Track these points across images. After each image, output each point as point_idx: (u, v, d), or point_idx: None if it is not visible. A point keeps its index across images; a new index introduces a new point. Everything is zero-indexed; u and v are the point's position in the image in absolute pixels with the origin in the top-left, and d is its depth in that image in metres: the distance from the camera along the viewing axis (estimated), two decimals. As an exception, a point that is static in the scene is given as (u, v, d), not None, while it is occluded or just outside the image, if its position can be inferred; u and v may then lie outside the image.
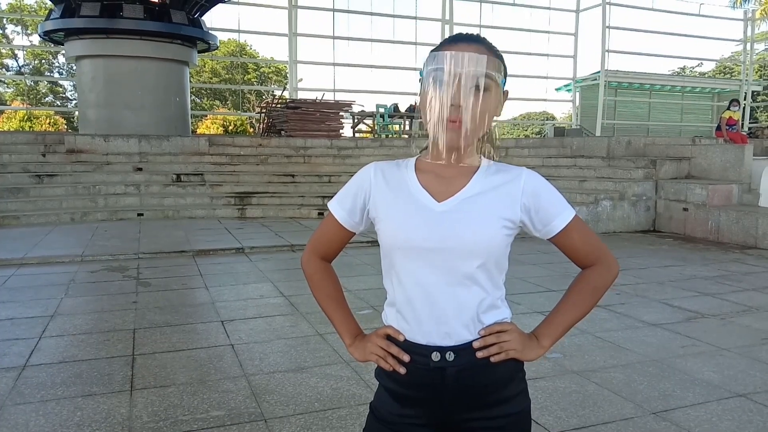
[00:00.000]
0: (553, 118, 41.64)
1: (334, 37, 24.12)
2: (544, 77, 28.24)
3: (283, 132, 15.76)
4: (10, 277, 6.36)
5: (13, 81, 34.49)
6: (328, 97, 18.51)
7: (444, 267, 1.25)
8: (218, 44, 18.67)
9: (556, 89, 29.77)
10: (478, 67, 1.19)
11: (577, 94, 29.12)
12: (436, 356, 1.27)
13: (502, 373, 1.30)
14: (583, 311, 1.39)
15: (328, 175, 12.92)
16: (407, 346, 1.30)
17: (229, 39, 31.99)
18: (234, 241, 8.50)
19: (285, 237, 8.93)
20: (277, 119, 16.25)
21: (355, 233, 1.41)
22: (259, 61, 36.00)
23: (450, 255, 1.25)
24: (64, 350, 4.14)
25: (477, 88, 1.19)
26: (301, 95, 21.88)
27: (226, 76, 36.82)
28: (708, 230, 9.41)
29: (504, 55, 1.30)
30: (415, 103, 20.14)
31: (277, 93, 20.92)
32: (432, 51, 1.26)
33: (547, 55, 27.65)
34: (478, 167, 1.31)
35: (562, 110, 40.69)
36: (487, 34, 1.28)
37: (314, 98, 17.19)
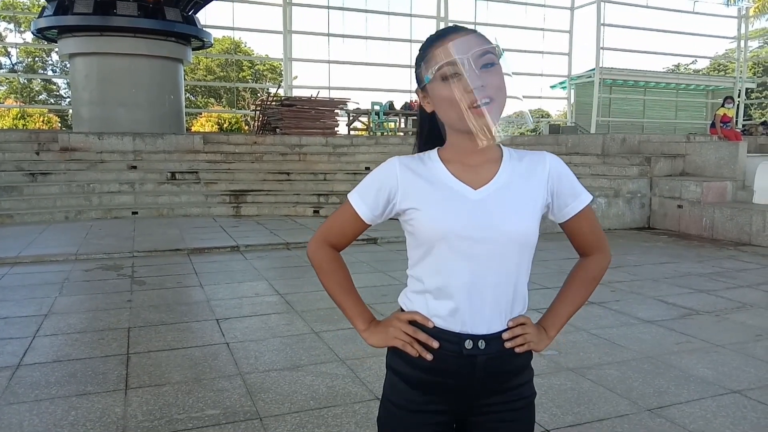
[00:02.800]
0: (548, 116, 41.69)
1: (329, 35, 24.09)
2: (539, 74, 28.28)
3: (278, 130, 15.73)
4: (4, 275, 6.33)
5: (6, 79, 34.30)
6: (323, 94, 18.47)
7: (485, 256, 1.27)
8: (212, 42, 18.61)
9: (551, 86, 29.80)
10: (477, 47, 1.19)
11: (572, 91, 29.17)
12: (469, 344, 1.29)
13: (521, 361, 1.36)
14: (582, 300, 1.47)
15: (324, 173, 12.90)
16: (437, 333, 1.30)
17: (224, 36, 31.87)
18: (229, 240, 8.48)
19: (280, 235, 8.92)
20: (272, 117, 16.22)
21: (370, 225, 1.41)
22: (253, 58, 35.91)
23: (492, 244, 1.26)
24: (59, 349, 4.12)
25: (486, 66, 1.20)
26: (296, 93, 21.85)
27: (221, 73, 36.71)
28: (702, 227, 9.44)
29: None
30: (412, 101, 20.14)
31: (272, 90, 20.88)
32: (422, 56, 1.28)
33: (542, 52, 27.70)
34: (501, 154, 1.33)
35: (557, 108, 40.70)
36: (481, 32, 1.28)
37: (309, 96, 17.16)
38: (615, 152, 12.25)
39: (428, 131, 1.40)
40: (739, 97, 28.78)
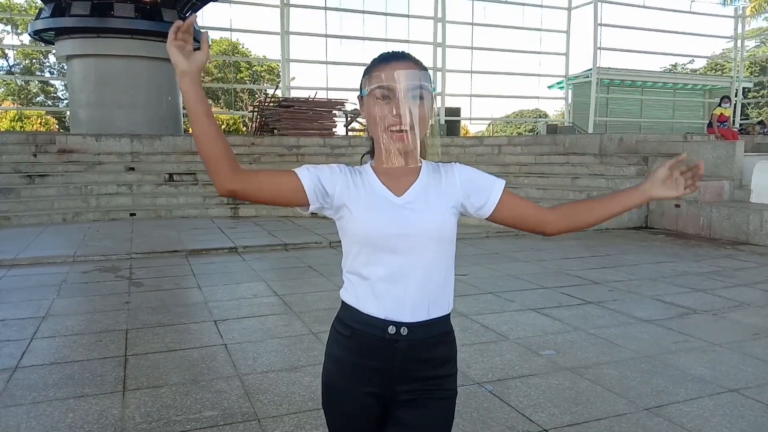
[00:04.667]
0: (546, 116, 41.70)
1: (326, 36, 24.08)
2: (537, 75, 28.27)
3: (275, 131, 15.72)
4: (2, 278, 6.32)
5: (4, 81, 34.24)
6: (321, 95, 18.46)
7: (406, 251, 1.43)
8: (210, 43, 18.59)
9: (549, 87, 29.79)
10: (414, 81, 1.38)
11: (570, 91, 29.17)
12: (392, 329, 1.44)
13: (442, 353, 1.50)
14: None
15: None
16: (365, 318, 1.45)
17: (222, 38, 31.92)
18: (227, 241, 8.47)
19: (278, 236, 8.91)
20: (270, 118, 16.22)
21: (300, 202, 1.46)
22: (251, 59, 35.89)
23: (411, 240, 1.43)
24: (56, 351, 4.11)
25: (416, 98, 1.39)
26: (294, 94, 21.83)
27: (219, 75, 36.69)
28: (700, 226, 9.45)
29: (496, 53, 1.37)
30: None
31: (270, 92, 20.85)
32: (367, 70, 1.46)
33: (540, 52, 27.69)
34: (420, 166, 1.50)
35: (555, 108, 40.73)
36: (479, 32, 1.32)
37: (307, 97, 17.15)
38: (612, 152, 12.26)
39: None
40: (736, 96, 28.81)
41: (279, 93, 21.02)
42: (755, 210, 8.78)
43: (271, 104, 17.12)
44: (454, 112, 24.15)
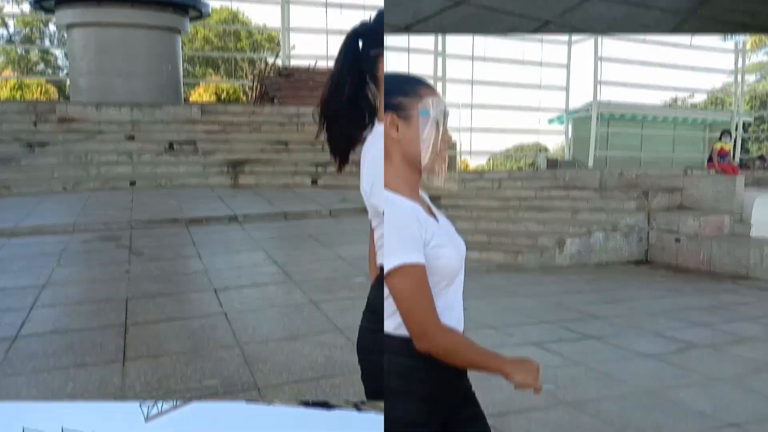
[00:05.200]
0: (546, 150, 41.58)
1: (326, 4, 23.73)
2: (537, 109, 27.98)
3: (275, 100, 15.59)
4: (2, 247, 6.22)
5: (4, 49, 33.78)
6: (321, 64, 18.23)
7: (461, 272, 1.50)
8: (210, 12, 18.43)
9: (549, 121, 29.53)
10: None
11: (570, 125, 29.10)
12: None
13: None
14: None
15: (322, 143, 12.51)
16: None
17: (222, 6, 31.47)
18: (227, 210, 8.37)
19: (278, 205, 8.82)
20: (270, 87, 16.08)
21: None
22: (251, 28, 35.47)
23: (463, 261, 1.51)
24: (56, 320, 4.05)
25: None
26: (294, 63, 21.53)
27: (219, 44, 36.29)
28: (700, 261, 9.43)
29: (496, 87, 1.43)
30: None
31: (270, 60, 20.59)
32: (411, 85, 1.45)
33: (539, 86, 27.43)
34: None
35: (555, 142, 40.46)
36: (479, 66, 1.35)
37: (307, 66, 17.02)
38: (612, 186, 12.16)
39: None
40: (736, 131, 29.01)
41: (279, 62, 20.75)
42: (756, 244, 8.81)
43: (271, 73, 16.97)
44: (451, 146, 23.76)
